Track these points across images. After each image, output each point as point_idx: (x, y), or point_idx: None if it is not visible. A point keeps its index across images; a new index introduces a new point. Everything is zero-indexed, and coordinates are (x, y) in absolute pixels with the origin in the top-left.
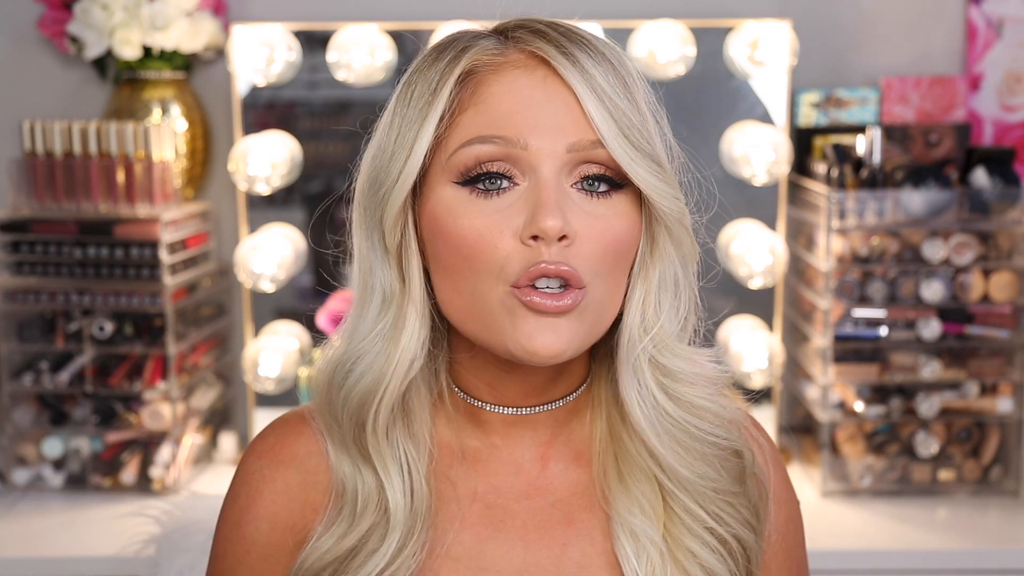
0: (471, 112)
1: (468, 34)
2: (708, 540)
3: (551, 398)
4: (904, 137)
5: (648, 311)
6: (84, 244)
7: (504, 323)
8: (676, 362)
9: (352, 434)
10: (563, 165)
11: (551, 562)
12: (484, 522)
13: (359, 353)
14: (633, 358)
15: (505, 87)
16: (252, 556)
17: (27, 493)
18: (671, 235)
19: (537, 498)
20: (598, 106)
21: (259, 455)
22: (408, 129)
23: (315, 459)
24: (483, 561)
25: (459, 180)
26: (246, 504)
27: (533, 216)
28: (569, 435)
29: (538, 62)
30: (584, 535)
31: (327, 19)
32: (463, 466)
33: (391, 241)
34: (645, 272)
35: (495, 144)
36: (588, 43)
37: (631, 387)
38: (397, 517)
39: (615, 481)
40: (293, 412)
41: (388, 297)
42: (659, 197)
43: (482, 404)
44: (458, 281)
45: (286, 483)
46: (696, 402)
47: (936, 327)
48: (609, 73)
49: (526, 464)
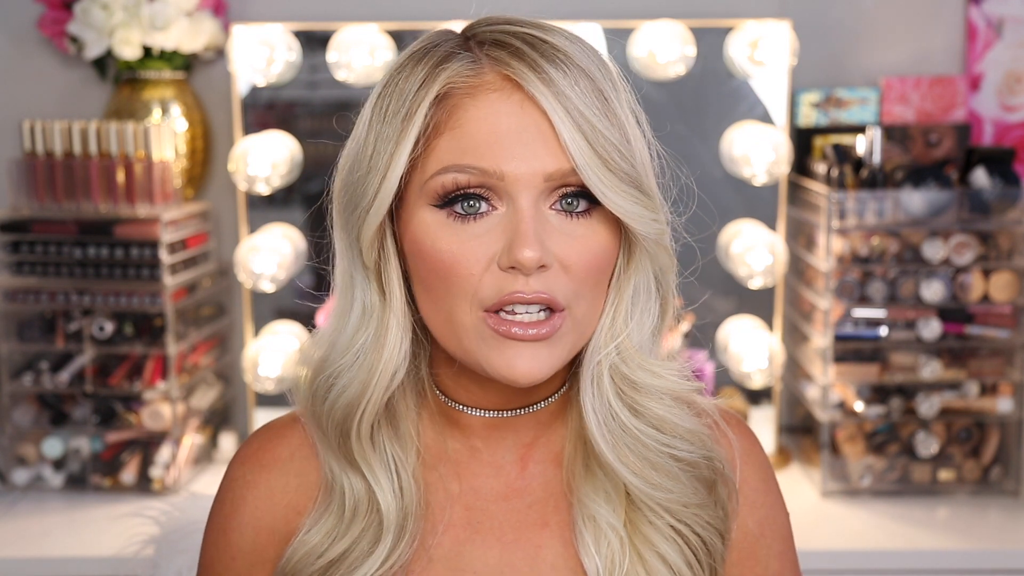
0: (447, 136)
1: (442, 44)
2: (665, 530)
3: (532, 401)
4: (904, 137)
5: (617, 320)
6: (84, 244)
7: (479, 350)
8: (639, 374)
9: (337, 442)
10: (540, 192)
11: (526, 563)
12: (463, 523)
13: (341, 366)
14: (593, 366)
15: (481, 112)
16: (238, 563)
17: (27, 493)
18: (647, 252)
19: (515, 499)
20: (573, 133)
21: (243, 461)
22: (383, 149)
23: (298, 462)
24: (461, 562)
25: (436, 203)
26: (231, 511)
27: (510, 246)
28: (550, 436)
29: (514, 85)
30: (558, 536)
31: (327, 19)
32: (442, 468)
33: (368, 259)
34: (619, 284)
35: (471, 174)
36: (563, 57)
37: (587, 395)
38: (390, 518)
39: (581, 469)
40: (279, 418)
41: (368, 310)
42: (635, 222)
43: (462, 408)
44: (436, 300)
45: (269, 487)
46: (658, 413)
47: (936, 327)
48: (587, 91)
49: (506, 466)
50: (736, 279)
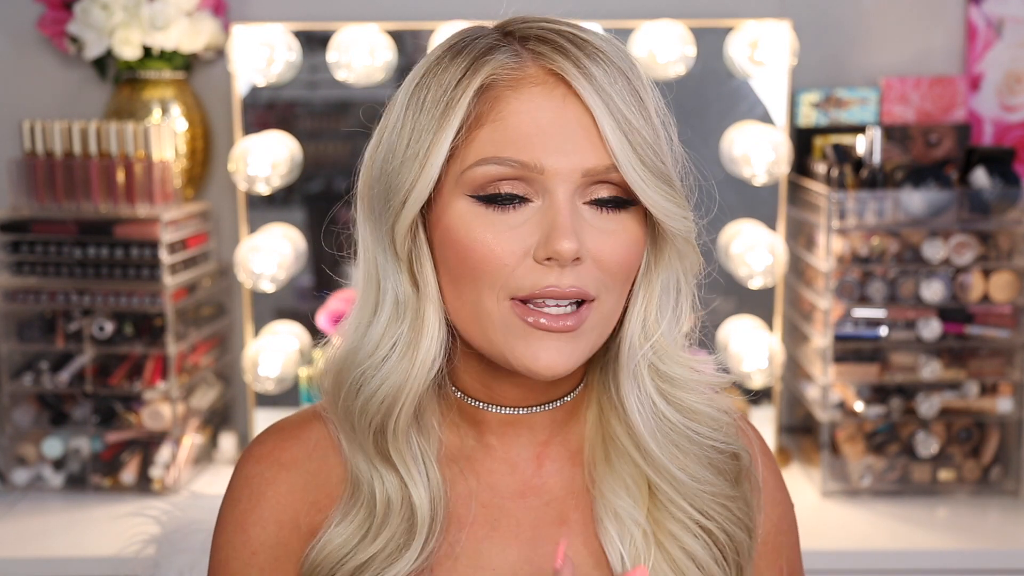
0: (488, 128)
1: (481, 38)
2: (691, 526)
3: (549, 399)
4: (904, 137)
5: (650, 319)
6: (84, 244)
7: (504, 340)
8: (675, 368)
9: (371, 440)
10: (577, 187)
11: (545, 561)
12: (480, 521)
13: (373, 362)
14: (633, 364)
15: (524, 105)
16: (260, 558)
17: (27, 493)
18: (677, 250)
19: (532, 497)
20: (615, 130)
21: (257, 459)
22: (421, 138)
23: (315, 462)
24: (480, 560)
25: (473, 193)
26: (249, 507)
27: (548, 238)
28: (566, 435)
29: (556, 80)
30: (577, 534)
31: (327, 19)
32: (458, 465)
33: (402, 249)
34: (648, 281)
35: (510, 167)
36: (603, 56)
37: (631, 393)
38: (423, 513)
39: (602, 463)
40: (289, 418)
41: (402, 303)
42: (669, 219)
43: (478, 404)
44: (463, 290)
45: (291, 485)
46: (695, 407)
47: (936, 327)
48: (624, 89)
49: (521, 463)
50: (736, 279)
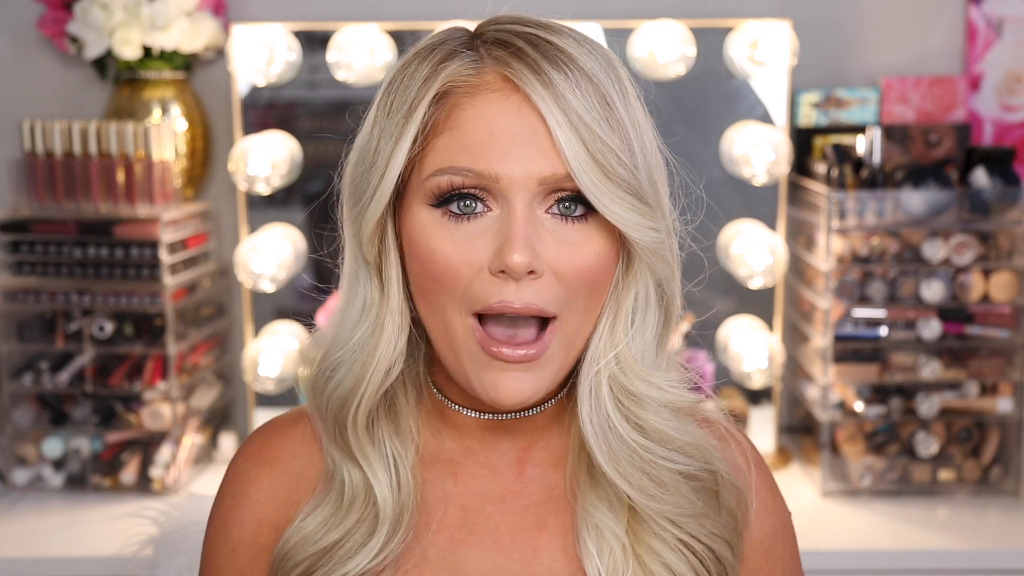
0: (445, 137)
1: (449, 41)
2: (671, 541)
3: (530, 405)
4: (904, 137)
5: (617, 329)
6: (84, 244)
7: (469, 365)
8: (639, 385)
9: (335, 433)
10: (535, 195)
11: (522, 566)
12: (458, 524)
13: (339, 359)
14: (592, 374)
15: (479, 112)
16: (240, 556)
17: (27, 493)
18: (645, 261)
19: (511, 501)
20: (570, 137)
21: (245, 457)
22: (385, 144)
23: (301, 459)
24: (455, 563)
25: (432, 202)
26: (232, 505)
27: (501, 250)
28: (549, 440)
29: (513, 86)
30: (555, 540)
31: (327, 19)
32: (438, 468)
33: (369, 254)
34: (617, 293)
35: (466, 176)
36: (568, 60)
37: (584, 406)
38: (386, 511)
39: (585, 477)
40: (282, 415)
41: (368, 305)
42: (631, 230)
43: (458, 408)
44: (431, 301)
45: (272, 483)
46: (658, 428)
47: (936, 327)
48: (588, 94)
49: (503, 468)
50: (736, 279)
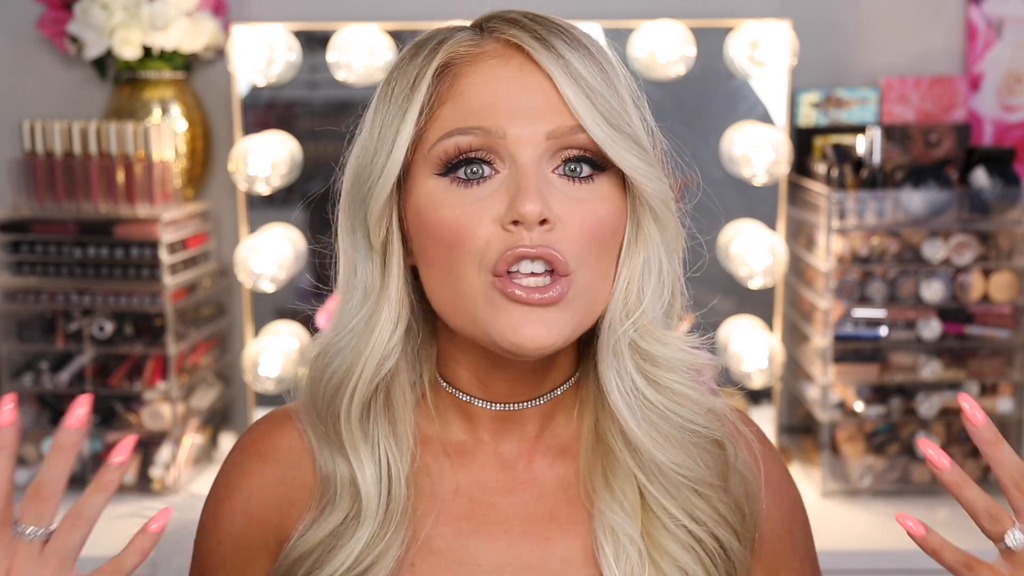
0: (449, 105)
1: (445, 29)
2: (684, 539)
3: (539, 393)
4: (904, 137)
5: (631, 296)
6: (84, 244)
7: (487, 315)
8: (657, 347)
9: (330, 424)
10: (543, 152)
11: (534, 556)
12: (467, 516)
13: (337, 346)
14: (613, 341)
15: (481, 77)
16: (225, 547)
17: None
18: (656, 218)
19: (522, 492)
20: (575, 90)
21: (241, 449)
22: (389, 125)
23: (296, 454)
24: (464, 555)
25: (440, 171)
26: (224, 496)
27: (512, 201)
28: (555, 429)
29: (513, 50)
30: (568, 530)
31: (327, 19)
32: (447, 460)
33: (375, 238)
34: (630, 257)
35: (474, 135)
36: (564, 30)
37: (610, 370)
38: (369, 508)
39: (599, 479)
40: (279, 409)
41: (368, 292)
42: (643, 178)
43: (471, 399)
44: (443, 273)
45: (263, 476)
46: (676, 388)
47: (936, 327)
48: (586, 58)
49: (512, 459)
50: (736, 279)
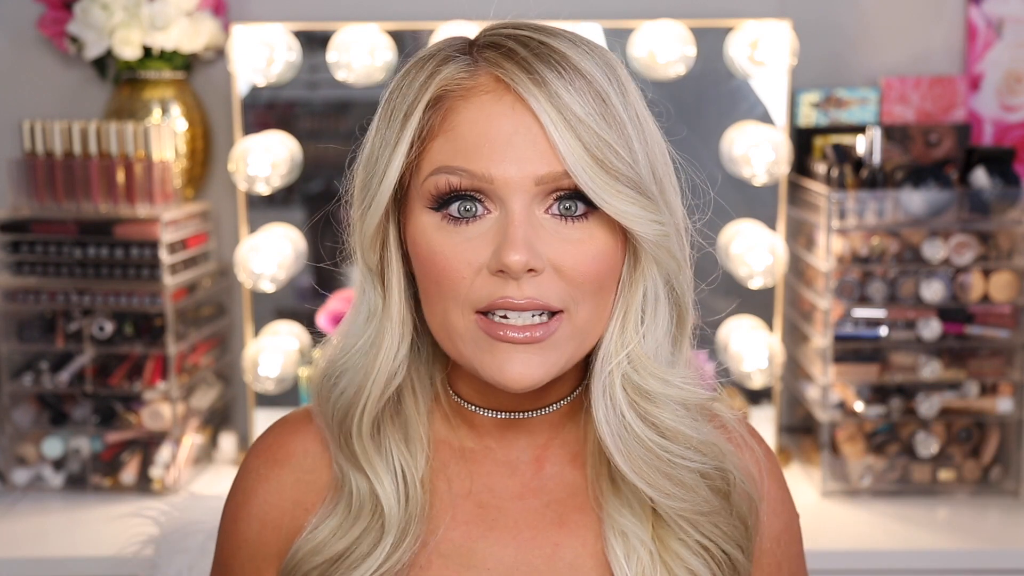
0: (441, 139)
1: (447, 48)
2: (692, 545)
3: (545, 403)
4: (904, 137)
5: (627, 328)
6: (84, 244)
7: (473, 353)
8: (653, 384)
9: (340, 441)
10: (533, 196)
11: (543, 562)
12: (476, 520)
13: (343, 366)
14: (605, 374)
15: (473, 115)
16: (242, 553)
17: (27, 493)
18: (651, 256)
19: (531, 498)
20: (565, 135)
21: (257, 454)
22: (384, 150)
23: (311, 458)
24: (473, 559)
25: (432, 205)
26: (242, 501)
27: (498, 250)
28: (565, 437)
29: (506, 87)
30: (577, 536)
31: (327, 19)
32: (459, 464)
33: (370, 260)
34: (627, 289)
35: (461, 176)
36: (561, 58)
37: (600, 403)
38: (391, 521)
39: (607, 483)
40: (296, 411)
41: (372, 313)
42: (633, 224)
43: (475, 408)
44: (433, 303)
45: (279, 482)
46: (672, 426)
47: (936, 327)
48: (583, 91)
49: (521, 465)
50: (736, 279)
